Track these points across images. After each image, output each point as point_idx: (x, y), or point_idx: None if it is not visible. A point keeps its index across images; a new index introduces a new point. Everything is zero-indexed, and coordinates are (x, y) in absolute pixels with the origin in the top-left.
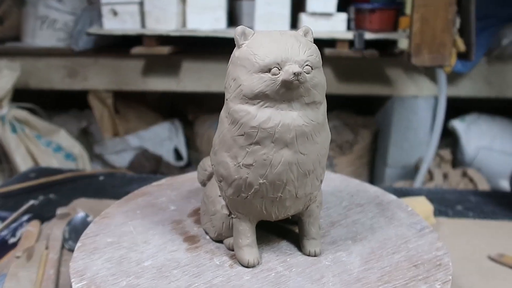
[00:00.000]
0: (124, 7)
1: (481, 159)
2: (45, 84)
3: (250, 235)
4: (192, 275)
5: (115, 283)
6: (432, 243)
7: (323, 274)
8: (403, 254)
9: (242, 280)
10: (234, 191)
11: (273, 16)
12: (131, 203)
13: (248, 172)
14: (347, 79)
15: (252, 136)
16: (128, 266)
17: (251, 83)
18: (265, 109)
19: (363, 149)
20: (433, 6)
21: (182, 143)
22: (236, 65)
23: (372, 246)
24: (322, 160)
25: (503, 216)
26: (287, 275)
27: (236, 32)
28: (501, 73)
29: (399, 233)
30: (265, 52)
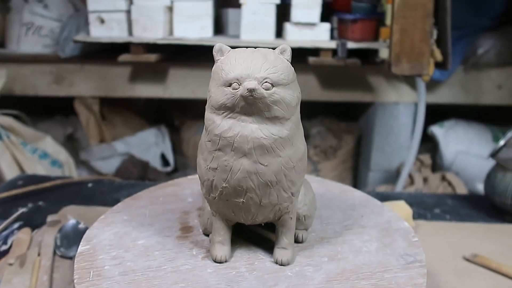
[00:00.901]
0: (111, 15)
1: (459, 163)
2: (30, 91)
3: (223, 233)
4: (167, 258)
5: (108, 251)
6: (412, 278)
7: (277, 283)
8: (372, 282)
9: (204, 272)
10: (206, 191)
11: (259, 24)
12: (160, 190)
13: (214, 175)
14: (330, 86)
15: (216, 142)
16: (125, 241)
17: (217, 95)
18: (228, 119)
19: (347, 154)
20: (411, 17)
21: (169, 149)
22: (212, 78)
23: (345, 268)
24: (290, 173)
25: (478, 218)
26: (245, 276)
27: (214, 49)
28: (477, 81)
29: (383, 261)
30: (230, 68)
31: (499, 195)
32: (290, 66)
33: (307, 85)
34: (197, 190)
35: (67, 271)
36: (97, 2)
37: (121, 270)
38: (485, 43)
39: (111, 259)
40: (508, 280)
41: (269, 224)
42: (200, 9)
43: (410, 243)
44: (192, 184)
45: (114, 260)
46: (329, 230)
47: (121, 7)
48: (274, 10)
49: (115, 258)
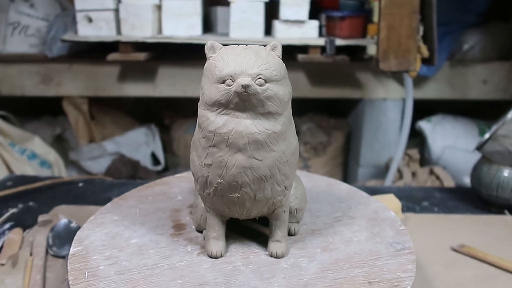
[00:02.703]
0: (99, 14)
1: (446, 158)
2: (17, 91)
3: (218, 229)
4: (162, 256)
5: (101, 252)
6: (402, 265)
7: (274, 275)
8: (365, 270)
9: (201, 268)
10: (200, 187)
11: (248, 22)
12: (149, 189)
13: (209, 171)
14: (319, 83)
15: (210, 139)
16: (118, 241)
17: (210, 92)
18: (222, 116)
19: (337, 150)
20: (398, 14)
21: (159, 148)
22: (204, 75)
23: (338, 258)
24: (283, 167)
25: (465, 210)
26: (241, 270)
27: (206, 46)
28: (463, 76)
29: (374, 249)
30: (223, 64)
31: (485, 187)
32: (281, 62)
33: (296, 82)
34: (186, 188)
35: (60, 270)
36: (85, 1)
37: (117, 270)
38: (470, 39)
39: (105, 259)
40: (494, 269)
41: (262, 218)
42: (189, 8)
43: (398, 231)
44: (180, 183)
45: (108, 260)
46: (319, 222)
47: (109, 6)
48: (262, 8)
49: (109, 258)
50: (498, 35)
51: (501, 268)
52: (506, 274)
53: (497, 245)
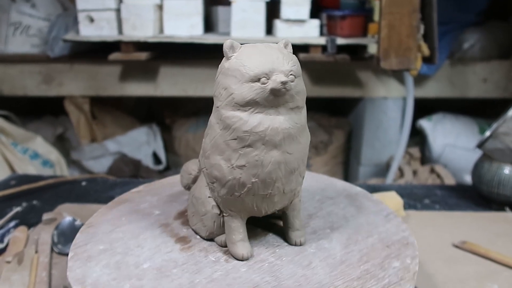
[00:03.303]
0: (100, 14)
1: (447, 156)
2: (19, 91)
3: (242, 231)
4: (192, 272)
5: (119, 286)
6: (398, 226)
7: (310, 260)
8: (376, 237)
9: (240, 272)
10: (228, 191)
11: (249, 22)
12: (114, 211)
13: (241, 172)
14: (320, 82)
15: (244, 139)
16: (128, 269)
17: (242, 92)
18: (255, 114)
19: (338, 149)
20: (399, 13)
21: (161, 147)
22: (227, 75)
23: (348, 233)
24: (305, 158)
25: (466, 207)
26: (279, 264)
27: (225, 46)
28: (463, 75)
29: (369, 220)
30: (254, 63)
31: (486, 184)
32: None
33: None
34: (155, 201)
35: (65, 267)
36: (86, 1)
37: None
38: (470, 37)
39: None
40: (496, 265)
41: None
42: (190, 7)
43: (373, 201)
44: (143, 197)
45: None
46: (309, 207)
47: (110, 6)
48: (263, 7)
49: None
50: (497, 33)
51: (502, 264)
52: (508, 270)
53: (498, 242)
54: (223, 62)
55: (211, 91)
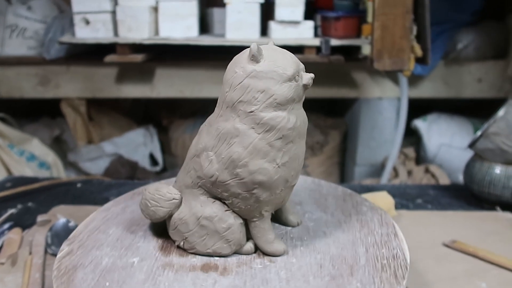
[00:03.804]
0: (96, 16)
1: (442, 156)
2: (15, 93)
3: (272, 228)
4: None
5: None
6: (382, 218)
7: (328, 245)
8: (364, 217)
9: (293, 269)
10: (271, 192)
11: (244, 23)
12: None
13: (285, 169)
14: (315, 83)
15: (289, 137)
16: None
17: (284, 91)
18: (292, 111)
19: (333, 149)
20: (392, 14)
21: (157, 149)
22: (261, 78)
23: (339, 219)
24: None
25: (458, 207)
26: (305, 252)
27: (253, 50)
28: (458, 75)
29: (349, 207)
30: (286, 64)
31: (477, 184)
32: None
33: None
34: (137, 215)
35: None
36: (82, 3)
37: None
38: (465, 38)
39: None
40: (484, 263)
41: None
42: (185, 9)
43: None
44: (116, 218)
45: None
46: None
47: (106, 8)
48: (258, 9)
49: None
50: (492, 33)
51: (491, 262)
52: (497, 268)
53: (488, 240)
54: (251, 66)
55: (208, 92)
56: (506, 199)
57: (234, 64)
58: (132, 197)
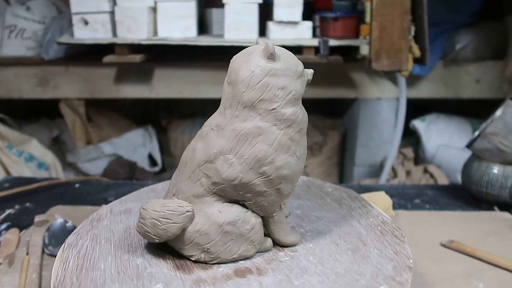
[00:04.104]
0: (95, 16)
1: (440, 156)
2: (14, 94)
3: None
4: None
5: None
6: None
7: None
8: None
9: (317, 260)
10: (293, 183)
11: (242, 24)
12: None
13: (302, 161)
14: (314, 83)
15: (304, 129)
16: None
17: (298, 87)
18: (300, 105)
19: (332, 150)
20: (390, 15)
21: (156, 149)
22: (280, 76)
23: (340, 213)
24: None
25: (456, 207)
26: (317, 241)
27: (271, 49)
28: (456, 75)
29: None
30: (296, 61)
31: (475, 184)
32: None
33: None
34: (118, 237)
35: None
36: (81, 4)
37: None
38: (463, 38)
39: None
40: (482, 263)
41: None
42: (184, 10)
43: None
44: (101, 245)
45: None
46: None
47: (104, 9)
48: (256, 10)
49: None
50: (490, 34)
51: (488, 262)
52: (493, 269)
53: (486, 240)
54: (270, 65)
55: (206, 92)
56: (504, 199)
57: (247, 64)
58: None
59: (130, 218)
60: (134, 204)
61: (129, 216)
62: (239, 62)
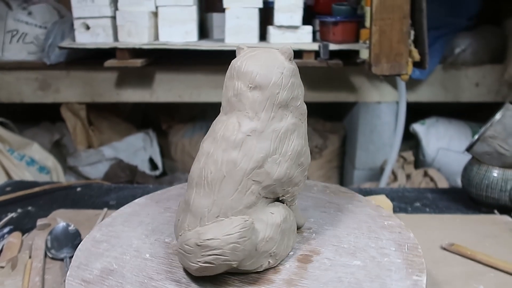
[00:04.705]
0: (96, 21)
1: (440, 159)
2: (15, 98)
3: None
4: None
5: None
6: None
7: None
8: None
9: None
10: (306, 172)
11: (243, 28)
12: None
13: None
14: (314, 87)
15: None
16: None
17: None
18: None
19: (332, 153)
20: (389, 19)
21: (157, 153)
22: (296, 75)
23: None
24: None
25: (456, 210)
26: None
27: (292, 52)
28: (456, 79)
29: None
30: None
31: (475, 187)
32: None
33: None
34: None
35: (58, 272)
36: (82, 9)
37: None
38: (462, 42)
39: None
40: (482, 266)
41: None
42: (185, 14)
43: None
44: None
45: None
46: None
47: (106, 13)
48: (257, 14)
49: None
50: (489, 38)
51: (488, 265)
52: (493, 271)
53: (486, 243)
54: (291, 66)
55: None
56: (503, 202)
57: (272, 67)
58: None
59: None
60: None
61: None
62: (258, 66)
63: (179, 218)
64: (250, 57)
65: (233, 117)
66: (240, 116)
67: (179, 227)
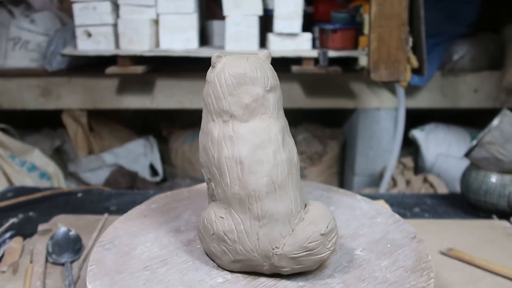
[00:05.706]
0: (98, 29)
1: (439, 165)
2: (17, 104)
3: None
4: None
5: None
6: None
7: None
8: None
9: None
10: None
11: (243, 35)
12: None
13: None
14: (314, 94)
15: None
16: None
17: None
18: None
19: (332, 159)
20: (388, 26)
21: (157, 159)
22: None
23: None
24: None
25: (454, 215)
26: None
27: (270, 53)
28: (454, 85)
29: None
30: None
31: (473, 192)
32: None
33: (291, 93)
34: None
35: (59, 276)
36: (84, 16)
37: None
38: (460, 49)
39: None
40: (480, 271)
41: None
42: (185, 22)
43: None
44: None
45: None
46: None
47: (107, 21)
48: (257, 22)
49: None
50: (487, 45)
51: (487, 270)
52: (492, 276)
53: (484, 248)
54: None
55: None
56: (502, 208)
57: (266, 70)
58: None
59: None
60: None
61: None
62: (262, 70)
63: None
64: (246, 62)
65: (260, 121)
66: (266, 119)
67: (267, 243)
